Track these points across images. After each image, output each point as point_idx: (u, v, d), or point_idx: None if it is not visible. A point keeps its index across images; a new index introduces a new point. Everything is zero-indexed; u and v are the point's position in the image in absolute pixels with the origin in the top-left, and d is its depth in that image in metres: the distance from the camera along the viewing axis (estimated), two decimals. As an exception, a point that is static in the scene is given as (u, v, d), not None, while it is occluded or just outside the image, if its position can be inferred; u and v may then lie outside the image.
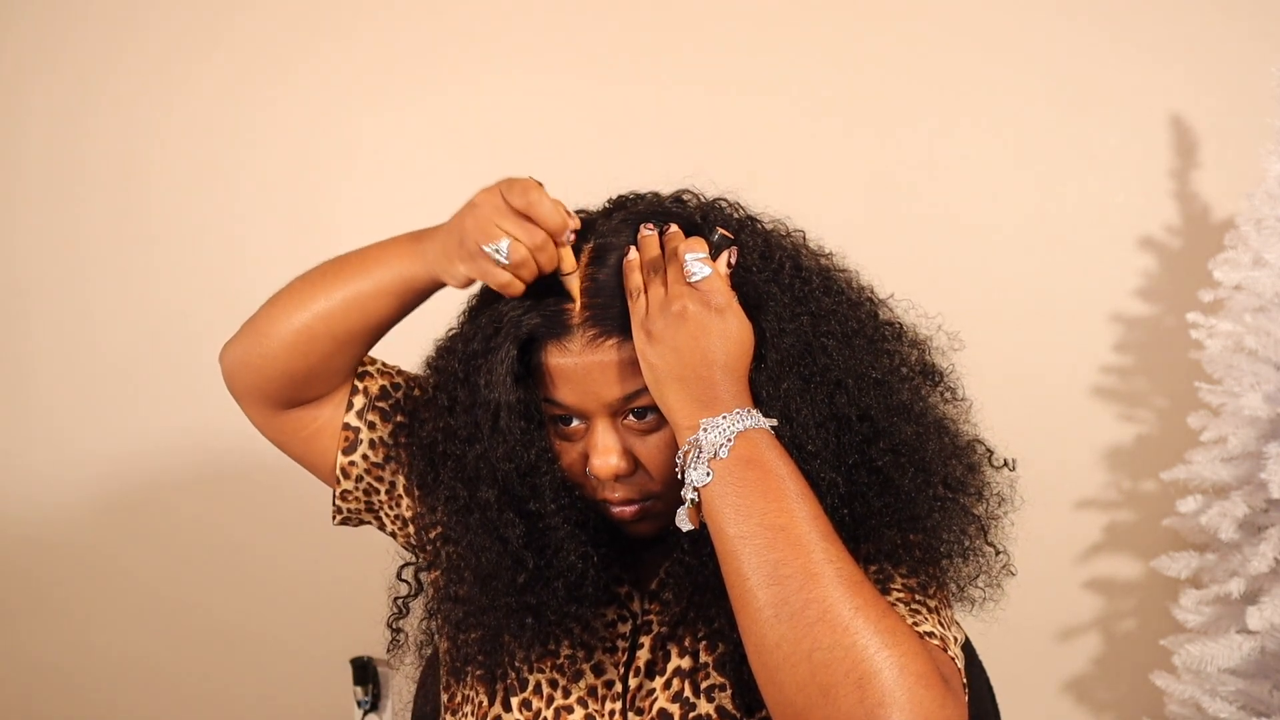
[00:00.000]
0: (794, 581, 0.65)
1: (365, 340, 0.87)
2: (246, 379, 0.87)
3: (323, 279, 0.84)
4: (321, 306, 0.83)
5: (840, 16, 1.80)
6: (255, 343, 0.85)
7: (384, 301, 0.83)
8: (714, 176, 0.87)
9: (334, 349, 0.85)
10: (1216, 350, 1.53)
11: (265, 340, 0.85)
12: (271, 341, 0.84)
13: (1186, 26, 1.73)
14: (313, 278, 0.85)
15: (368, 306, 0.83)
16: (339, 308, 0.83)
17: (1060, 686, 1.91)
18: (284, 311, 0.84)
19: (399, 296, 0.83)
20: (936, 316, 0.88)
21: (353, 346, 0.86)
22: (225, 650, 2.02)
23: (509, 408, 0.77)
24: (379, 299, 0.83)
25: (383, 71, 1.87)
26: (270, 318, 0.85)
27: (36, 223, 1.93)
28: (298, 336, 0.84)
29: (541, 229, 0.73)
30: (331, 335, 0.84)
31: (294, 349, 0.84)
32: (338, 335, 0.84)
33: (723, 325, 0.72)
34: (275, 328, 0.84)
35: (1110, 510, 1.85)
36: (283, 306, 0.84)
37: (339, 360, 0.87)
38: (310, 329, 0.84)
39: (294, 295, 0.85)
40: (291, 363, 0.85)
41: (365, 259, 0.84)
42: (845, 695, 0.61)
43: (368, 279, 0.83)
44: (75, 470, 1.98)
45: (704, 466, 0.70)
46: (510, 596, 0.80)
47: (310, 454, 0.92)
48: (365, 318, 0.84)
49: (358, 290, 0.83)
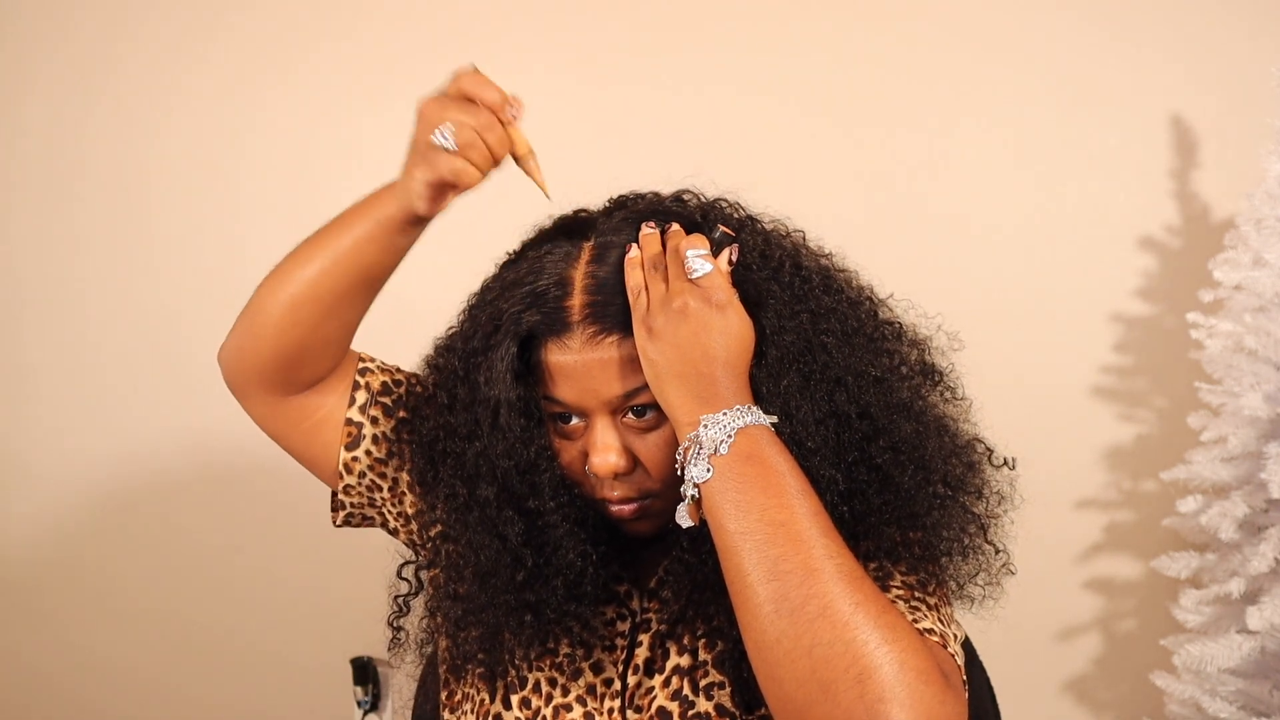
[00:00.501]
0: (794, 577, 0.65)
1: (354, 301, 0.85)
2: (244, 366, 0.87)
3: (305, 249, 0.84)
4: (307, 273, 0.83)
5: (840, 16, 1.80)
6: (249, 328, 0.85)
7: (365, 252, 0.83)
8: (714, 176, 0.87)
9: (322, 315, 0.84)
10: (1216, 350, 1.53)
11: (258, 320, 0.85)
12: (264, 319, 0.84)
13: (1186, 26, 1.73)
14: (296, 253, 0.85)
15: (350, 260, 0.83)
16: (323, 271, 0.83)
17: (1060, 686, 1.91)
18: (271, 291, 0.84)
19: (377, 241, 0.82)
20: (936, 316, 0.88)
21: (340, 310, 0.85)
22: (225, 650, 2.02)
23: (509, 405, 0.77)
24: (359, 250, 0.82)
25: (383, 71, 1.87)
26: (260, 300, 0.85)
27: (35, 222, 1.93)
28: (288, 308, 0.83)
29: (485, 108, 0.73)
30: (318, 300, 0.83)
31: (285, 322, 0.84)
32: (323, 299, 0.84)
33: (724, 322, 0.72)
34: (266, 306, 0.84)
35: (1110, 510, 1.85)
36: (270, 287, 0.84)
37: (330, 327, 0.86)
38: (295, 299, 0.83)
39: (279, 273, 0.85)
40: (283, 338, 0.84)
41: (342, 218, 0.84)
42: (845, 691, 0.61)
43: (346, 235, 0.83)
44: (73, 471, 1.98)
45: (704, 462, 0.70)
46: (509, 594, 0.80)
47: (312, 448, 0.92)
48: (348, 275, 0.83)
49: (337, 248, 0.83)
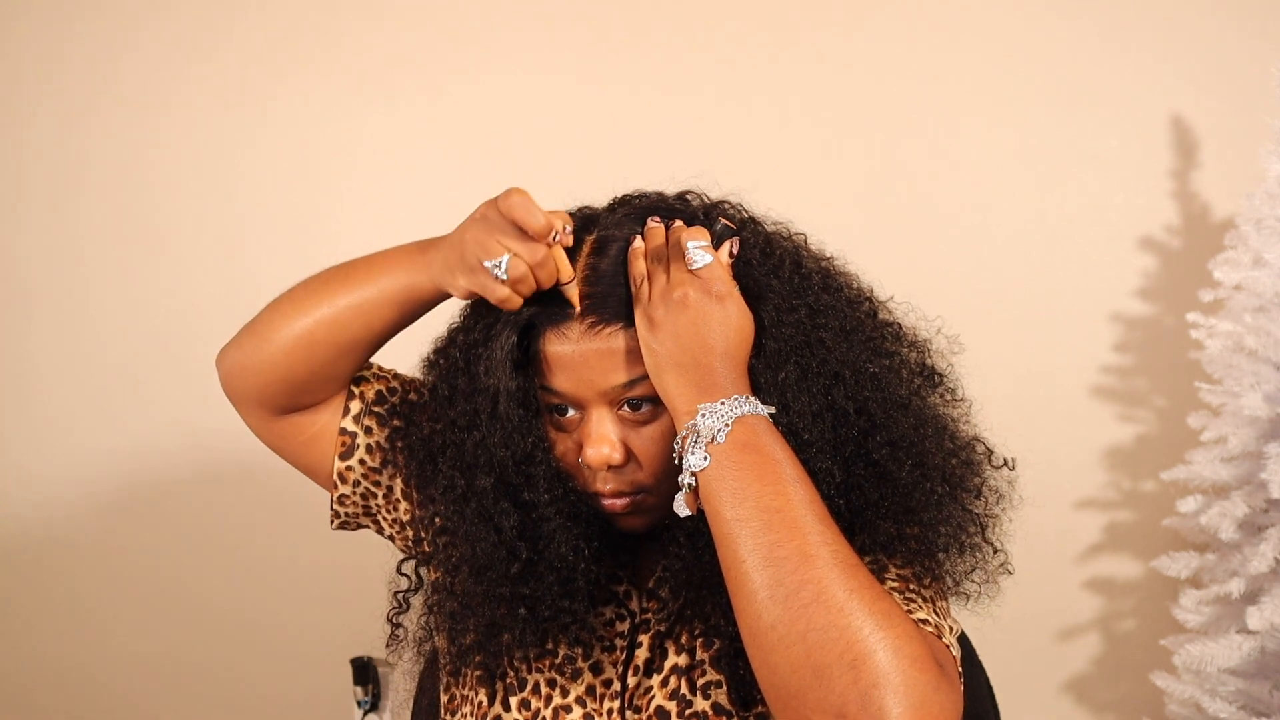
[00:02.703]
0: (789, 563, 0.65)
1: (366, 348, 0.86)
2: (245, 383, 0.87)
3: (326, 285, 0.84)
4: (325, 313, 0.83)
5: (839, 18, 1.81)
6: (255, 347, 0.85)
7: (387, 310, 0.83)
8: (716, 178, 0.88)
9: (335, 356, 0.85)
10: (1216, 350, 1.53)
11: (265, 345, 0.84)
12: (272, 346, 0.84)
13: (1186, 26, 1.73)
14: (315, 284, 0.84)
15: (371, 314, 0.83)
16: (342, 315, 0.83)
17: (1060, 686, 1.91)
18: (285, 317, 0.83)
19: (402, 305, 0.83)
20: (936, 319, 0.88)
21: (354, 354, 0.86)
22: (225, 650, 2.02)
23: (508, 394, 0.77)
24: (383, 307, 0.83)
25: (384, 72, 1.88)
26: (271, 323, 0.84)
27: (39, 222, 1.93)
28: (298, 342, 0.83)
29: (540, 244, 0.73)
30: (333, 342, 0.83)
31: (294, 354, 0.83)
32: (339, 342, 0.84)
33: (723, 312, 0.73)
34: (276, 332, 0.83)
35: (1110, 510, 1.85)
36: (284, 312, 0.84)
37: (339, 367, 0.86)
38: (311, 335, 0.83)
39: (296, 301, 0.84)
40: (291, 368, 0.84)
41: (370, 266, 0.83)
42: (839, 677, 0.61)
43: (372, 286, 0.82)
44: (75, 469, 1.98)
45: (701, 451, 0.70)
46: (504, 587, 0.80)
47: (307, 459, 0.92)
48: (368, 325, 0.83)
49: (362, 298, 0.82)
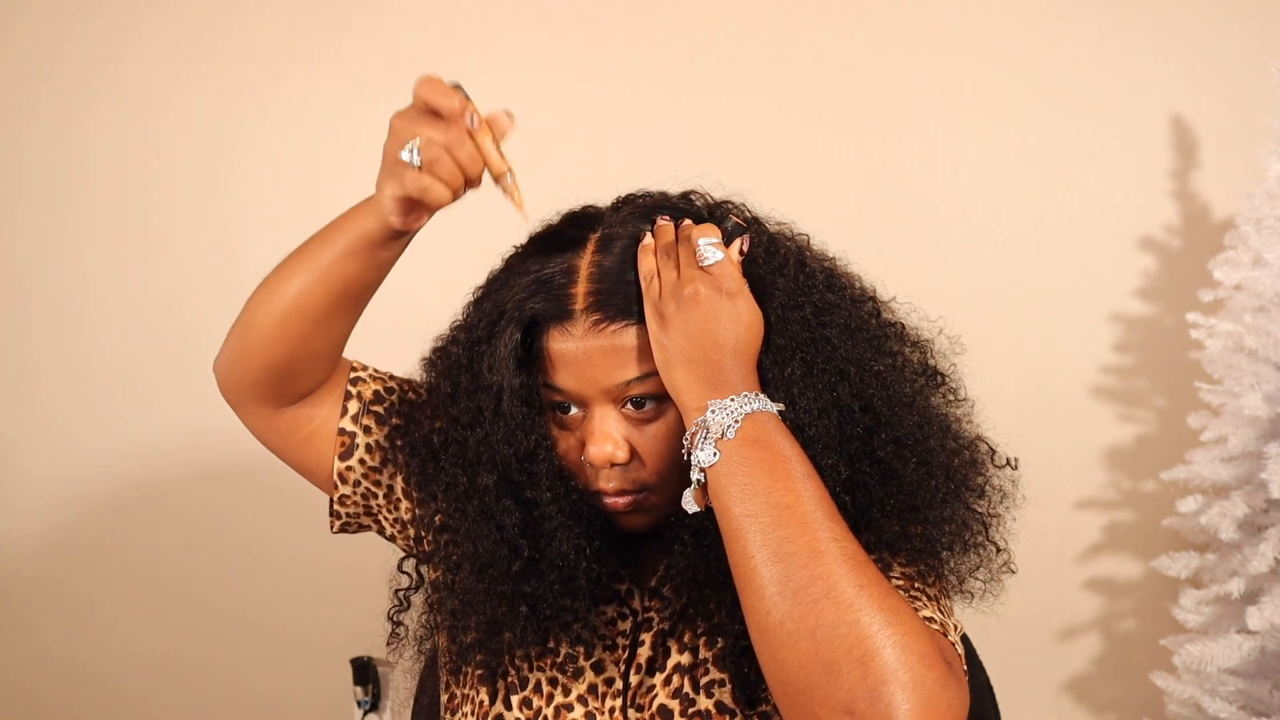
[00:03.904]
0: (798, 559, 0.65)
1: (340, 315, 0.85)
2: (235, 379, 0.87)
3: (289, 264, 0.84)
4: (291, 289, 0.82)
5: (839, 18, 1.81)
6: (239, 342, 0.85)
7: (347, 266, 0.81)
8: (719, 178, 0.88)
9: (310, 328, 0.84)
10: (1216, 350, 1.53)
11: (247, 336, 0.84)
12: (252, 334, 0.84)
13: (1186, 26, 1.73)
14: (280, 267, 0.84)
15: (333, 275, 0.82)
16: (307, 286, 0.82)
17: (1060, 686, 1.91)
18: (259, 304, 0.84)
19: (358, 256, 0.81)
20: (938, 320, 0.88)
21: (327, 324, 0.84)
22: (225, 650, 2.02)
23: (511, 391, 0.77)
24: (341, 264, 0.81)
25: (385, 73, 1.87)
26: (249, 314, 0.84)
27: (39, 222, 1.93)
28: (272, 324, 0.83)
29: (455, 125, 0.71)
30: (303, 315, 0.83)
31: (272, 337, 0.83)
32: (309, 314, 0.83)
33: (733, 309, 0.73)
34: (254, 321, 0.84)
35: (1110, 510, 1.85)
36: (257, 300, 0.84)
37: (317, 341, 0.85)
38: (283, 313, 0.83)
39: (266, 287, 0.84)
40: (271, 352, 0.84)
41: (324, 232, 0.83)
42: (847, 673, 0.61)
43: (328, 249, 0.81)
44: (75, 469, 1.98)
45: (711, 447, 0.70)
46: (505, 585, 0.80)
47: (306, 459, 0.92)
48: (332, 288, 0.82)
49: (320, 263, 0.82)
